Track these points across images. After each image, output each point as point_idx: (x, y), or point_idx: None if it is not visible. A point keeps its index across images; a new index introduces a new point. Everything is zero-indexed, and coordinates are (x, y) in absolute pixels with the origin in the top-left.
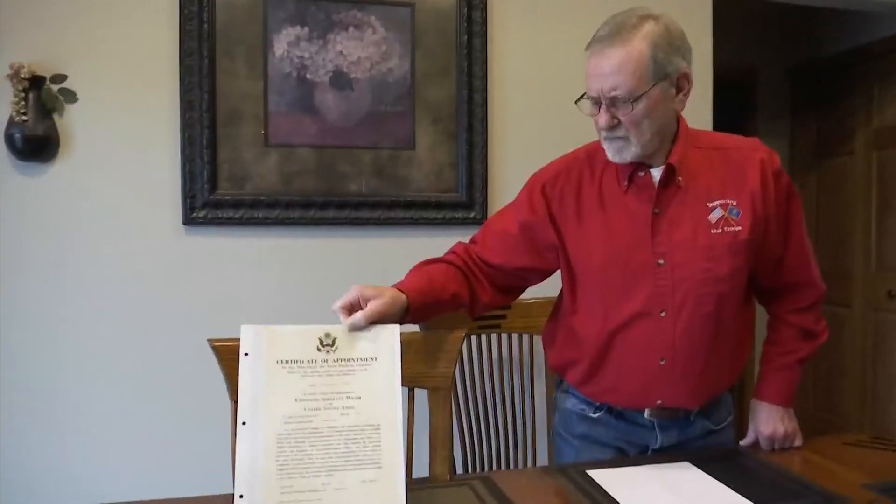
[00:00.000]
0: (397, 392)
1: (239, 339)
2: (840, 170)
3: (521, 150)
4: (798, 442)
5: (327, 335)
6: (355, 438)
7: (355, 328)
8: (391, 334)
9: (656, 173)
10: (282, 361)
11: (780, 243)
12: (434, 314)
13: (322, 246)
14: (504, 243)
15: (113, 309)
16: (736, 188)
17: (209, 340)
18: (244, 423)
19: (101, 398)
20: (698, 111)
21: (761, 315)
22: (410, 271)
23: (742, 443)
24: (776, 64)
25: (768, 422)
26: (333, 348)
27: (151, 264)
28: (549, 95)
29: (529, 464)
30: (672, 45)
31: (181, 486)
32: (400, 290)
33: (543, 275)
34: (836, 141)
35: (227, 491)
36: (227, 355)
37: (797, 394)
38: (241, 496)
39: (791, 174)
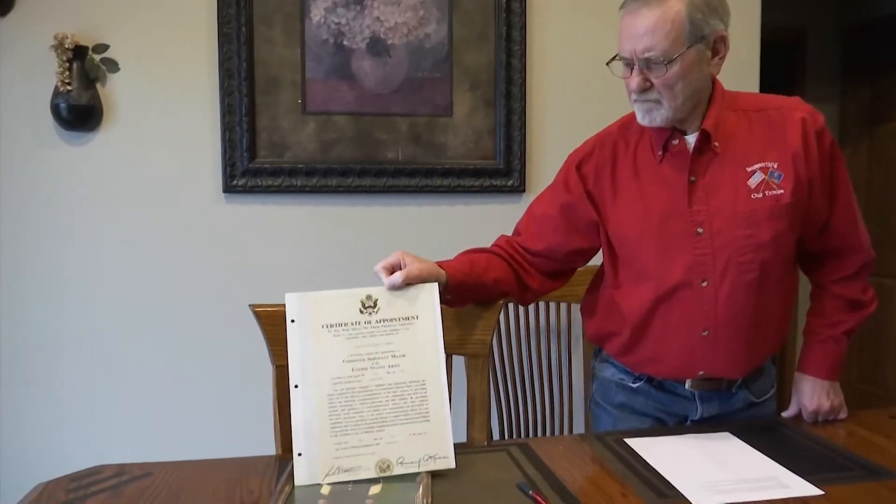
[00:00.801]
0: (440, 349)
1: (280, 305)
2: (893, 136)
3: (560, 117)
4: (843, 415)
5: (368, 297)
6: (402, 395)
7: (394, 287)
8: (430, 293)
9: (691, 140)
10: (327, 326)
11: (825, 206)
12: (474, 298)
13: (360, 214)
14: (545, 228)
15: (154, 276)
16: (776, 150)
17: (251, 306)
18: (296, 387)
19: (143, 364)
20: (744, 74)
21: (804, 284)
22: (454, 257)
23: (784, 414)
24: (827, 25)
25: (813, 396)
26: (375, 310)
27: (192, 232)
28: (590, 61)
29: (566, 432)
30: (710, 6)
31: (225, 450)
32: (441, 267)
33: (589, 254)
34: (890, 106)
35: (272, 452)
36: (269, 321)
37: (843, 366)
38: (299, 454)
39: (841, 141)
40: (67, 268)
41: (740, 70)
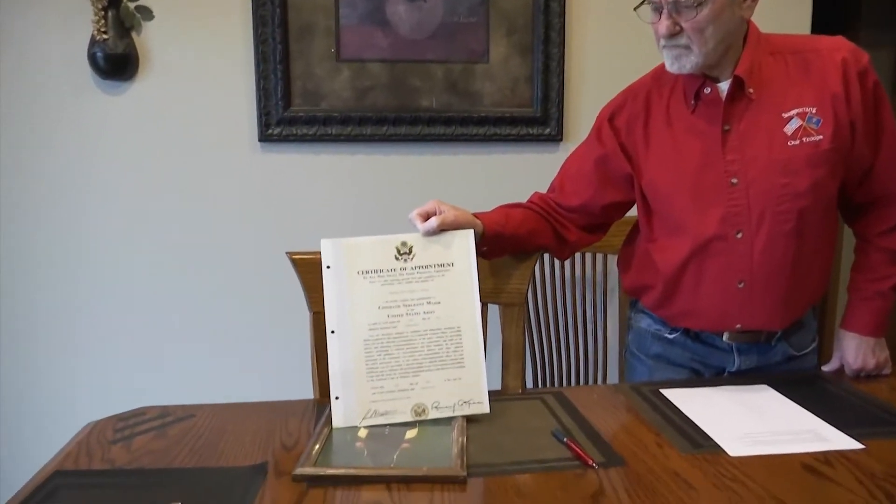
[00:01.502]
0: (475, 295)
1: (316, 253)
2: None
3: (600, 64)
4: (888, 370)
5: (404, 244)
6: (437, 341)
7: (429, 233)
8: (466, 239)
9: (724, 87)
10: (362, 272)
11: (869, 152)
12: (510, 250)
13: (394, 163)
14: (580, 184)
15: (190, 225)
16: (815, 94)
17: (288, 254)
18: (333, 332)
19: (179, 311)
20: (795, 18)
21: (848, 238)
22: (490, 210)
23: (825, 368)
24: None
25: (857, 354)
26: (411, 256)
27: (227, 181)
28: (632, 3)
29: (600, 383)
30: None
31: (263, 395)
32: (477, 218)
33: (625, 207)
34: None
35: (309, 396)
36: (305, 268)
37: (888, 322)
38: (336, 398)
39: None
40: (105, 216)
41: (790, 10)
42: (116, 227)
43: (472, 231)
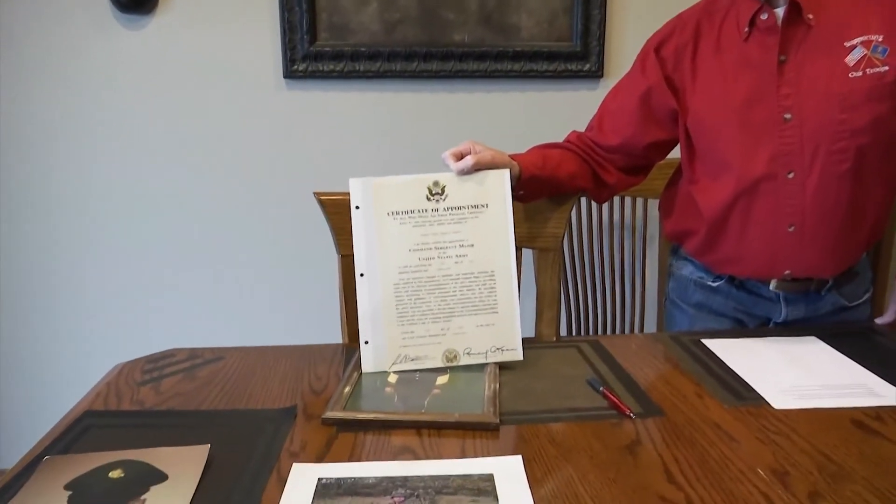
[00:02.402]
0: (510, 238)
1: (345, 194)
2: None
3: None
4: None
5: (436, 184)
6: (470, 285)
7: (463, 172)
8: (501, 179)
9: (781, 13)
10: (392, 213)
11: None
12: (547, 193)
13: (426, 100)
14: (621, 121)
15: (212, 165)
16: (883, 20)
17: (315, 194)
18: (362, 275)
19: (205, 251)
20: None
21: None
22: (525, 151)
23: (878, 321)
24: None
25: None
26: (443, 196)
27: (251, 120)
28: None
29: (638, 330)
30: None
31: (292, 339)
32: (514, 159)
33: (667, 147)
34: None
35: (338, 341)
36: (333, 209)
37: None
38: (366, 342)
39: None
40: (123, 154)
41: None
42: (134, 166)
43: (507, 171)
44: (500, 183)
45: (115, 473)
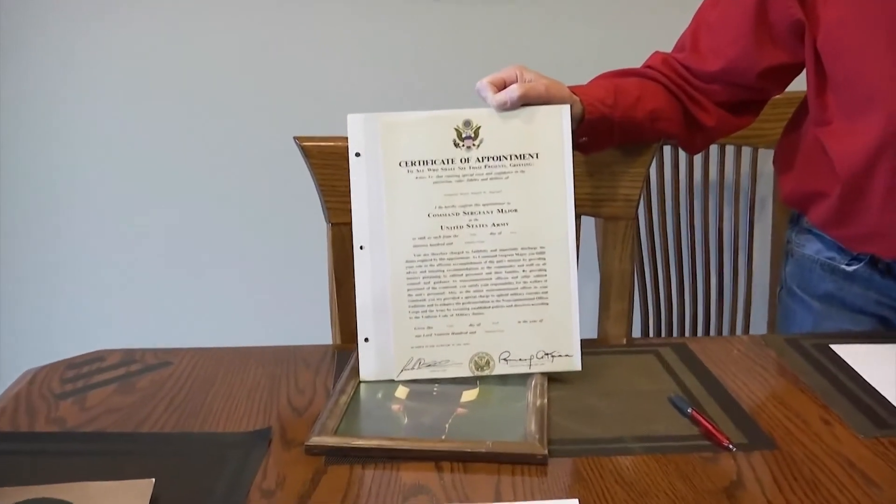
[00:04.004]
0: (568, 202)
1: (338, 138)
2: None
3: None
4: None
5: (467, 123)
6: (511, 266)
7: (506, 108)
8: (557, 119)
9: None
10: (406, 163)
11: None
12: (619, 139)
13: (453, 11)
14: (725, 38)
15: (174, 102)
16: None
17: (297, 139)
18: (361, 248)
19: (155, 223)
20: None
21: None
22: (589, 82)
23: None
24: None
25: None
26: (477, 142)
27: (224, 36)
28: None
29: (741, 331)
30: None
31: (264, 338)
32: (574, 93)
33: (788, 74)
34: None
35: (327, 340)
36: (321, 158)
37: None
38: (365, 340)
39: None
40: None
41: None
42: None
43: (567, 107)
44: (555, 124)
45: None
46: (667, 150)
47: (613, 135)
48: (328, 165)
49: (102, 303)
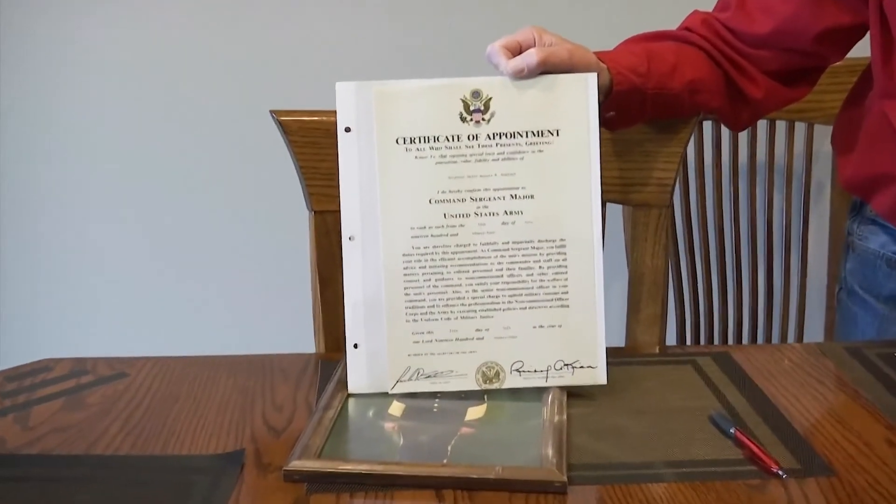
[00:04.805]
0: (593, 186)
1: (321, 112)
2: None
3: None
4: None
5: (476, 94)
6: (526, 261)
7: (522, 76)
8: (582, 90)
9: None
10: (404, 140)
11: None
12: (652, 114)
13: None
14: None
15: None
16: None
17: (273, 113)
18: (351, 239)
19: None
20: None
21: None
22: (617, 47)
23: None
24: None
25: None
26: (487, 115)
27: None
28: None
29: (792, 338)
30: None
31: (236, 342)
32: (601, 60)
33: (849, 38)
34: None
35: (309, 348)
36: (302, 135)
37: None
38: (354, 346)
39: None
40: None
41: None
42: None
43: (594, 76)
44: (580, 96)
45: None
46: (707, 126)
47: (645, 109)
48: (311, 143)
49: (45, 306)
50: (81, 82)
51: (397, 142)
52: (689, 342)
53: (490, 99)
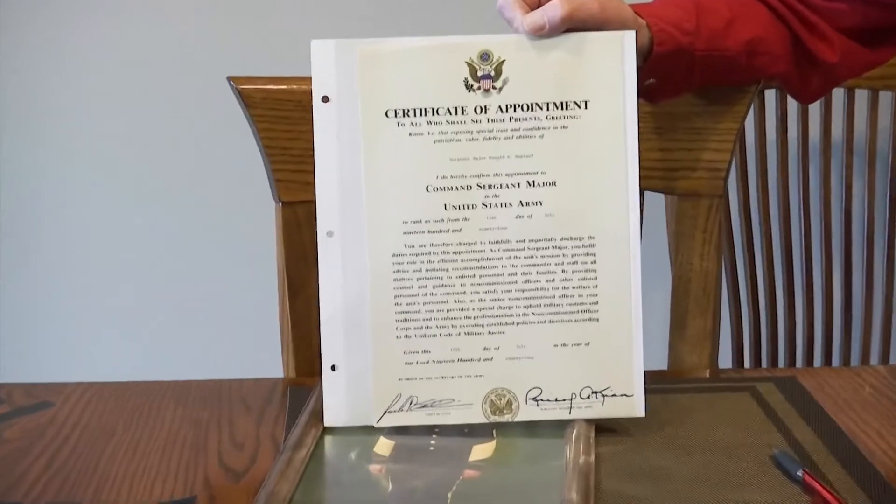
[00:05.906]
0: (630, 170)
1: (292, 79)
2: None
3: None
4: None
5: (485, 56)
6: (546, 264)
7: (543, 32)
8: (618, 50)
9: None
10: (396, 113)
11: None
12: (702, 80)
13: None
14: None
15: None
16: None
17: (231, 80)
18: (329, 235)
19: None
20: None
21: None
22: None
23: None
24: None
25: None
26: (498, 83)
27: None
28: None
29: (875, 361)
30: None
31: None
32: (639, 14)
33: None
34: None
35: (276, 372)
36: (267, 108)
37: None
38: (332, 368)
39: None
40: None
41: None
42: None
43: (631, 34)
44: (614, 60)
45: None
46: (769, 96)
47: (694, 75)
48: (279, 118)
49: None
50: (80, 83)
51: (387, 115)
52: (747, 364)
53: (502, 62)
